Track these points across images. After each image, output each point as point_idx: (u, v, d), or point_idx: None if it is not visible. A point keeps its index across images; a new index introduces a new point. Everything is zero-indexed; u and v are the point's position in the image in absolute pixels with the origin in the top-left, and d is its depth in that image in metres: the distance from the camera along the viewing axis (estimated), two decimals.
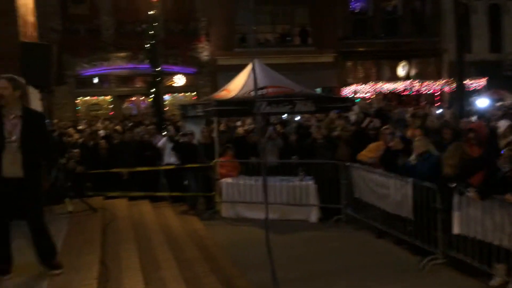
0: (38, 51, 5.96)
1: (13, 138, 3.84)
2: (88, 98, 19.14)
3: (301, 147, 9.22)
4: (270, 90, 9.90)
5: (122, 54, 18.26)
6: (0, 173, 3.79)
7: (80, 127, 12.39)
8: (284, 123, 12.27)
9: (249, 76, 10.17)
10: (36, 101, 6.43)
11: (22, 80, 4.07)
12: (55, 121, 13.51)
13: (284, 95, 9.76)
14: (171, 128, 11.52)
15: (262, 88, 9.84)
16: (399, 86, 20.07)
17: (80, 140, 10.21)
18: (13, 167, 3.82)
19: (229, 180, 9.05)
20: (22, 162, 3.85)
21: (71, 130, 11.19)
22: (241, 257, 6.48)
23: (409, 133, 7.75)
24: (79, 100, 18.86)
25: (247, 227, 8.13)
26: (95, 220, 6.11)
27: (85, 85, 18.66)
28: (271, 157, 9.39)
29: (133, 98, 19.68)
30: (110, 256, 5.10)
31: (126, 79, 19.33)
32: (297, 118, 12.05)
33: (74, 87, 18.16)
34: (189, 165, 9.17)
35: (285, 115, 12.19)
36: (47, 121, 6.40)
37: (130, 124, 13.18)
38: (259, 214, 8.56)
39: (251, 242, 7.00)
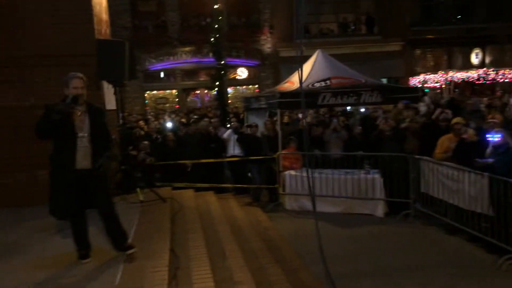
0: (112, 48, 6.24)
1: (83, 133, 4.11)
2: (155, 92, 19.91)
3: (366, 139, 8.98)
4: (334, 81, 9.75)
5: (187, 49, 18.74)
6: (74, 166, 4.07)
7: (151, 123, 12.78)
8: (348, 114, 12.02)
9: (312, 67, 10.07)
10: (110, 96, 6.78)
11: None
12: (126, 114, 14.15)
13: (349, 86, 9.55)
14: (234, 120, 11.68)
15: (325, 80, 9.74)
16: (472, 74, 18.88)
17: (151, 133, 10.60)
18: (84, 159, 4.11)
19: (292, 172, 9.03)
20: (92, 154, 4.14)
21: (141, 123, 11.66)
22: (305, 249, 6.44)
23: (490, 117, 7.29)
24: (147, 94, 19.67)
25: (311, 220, 8.02)
26: (164, 209, 6.33)
27: (152, 79, 19.41)
28: (335, 150, 9.25)
29: (197, 91, 20.17)
30: (179, 244, 5.27)
31: (190, 73, 19.85)
32: (362, 109, 11.74)
33: (143, 81, 18.96)
34: (252, 157, 9.26)
35: (349, 106, 11.94)
36: (120, 114, 6.74)
37: (195, 117, 13.52)
38: (323, 207, 8.50)
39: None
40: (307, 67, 10.19)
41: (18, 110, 6.57)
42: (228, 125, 11.34)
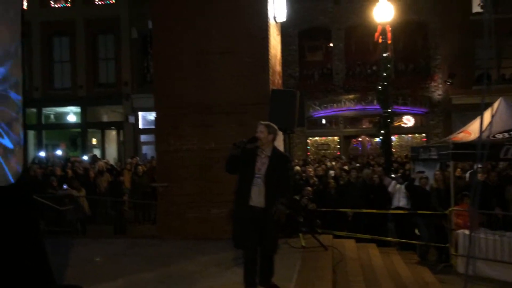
0: (285, 97, 6.63)
1: (260, 174, 4.50)
2: (317, 138, 20.33)
3: None
4: None
5: (351, 96, 18.85)
6: (248, 202, 4.45)
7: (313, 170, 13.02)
8: None
9: (493, 116, 9.12)
10: (280, 141, 7.12)
11: (275, 126, 4.68)
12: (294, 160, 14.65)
13: None
14: (401, 171, 11.15)
15: (510, 131, 8.75)
16: None
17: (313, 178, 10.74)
18: (258, 198, 4.48)
19: (467, 232, 8.10)
20: (265, 194, 4.46)
21: (309, 168, 11.93)
22: None
23: None
24: (309, 140, 20.20)
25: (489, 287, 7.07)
26: (326, 257, 6.23)
27: (315, 125, 19.91)
28: None
29: (359, 139, 19.96)
30: None
31: (353, 120, 19.82)
32: None
33: (306, 127, 19.58)
34: (420, 212, 8.62)
35: None
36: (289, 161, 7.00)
37: (357, 165, 13.30)
38: (505, 275, 7.42)
39: None
40: (486, 116, 9.27)
41: (200, 152, 7.36)
42: (393, 175, 10.84)
